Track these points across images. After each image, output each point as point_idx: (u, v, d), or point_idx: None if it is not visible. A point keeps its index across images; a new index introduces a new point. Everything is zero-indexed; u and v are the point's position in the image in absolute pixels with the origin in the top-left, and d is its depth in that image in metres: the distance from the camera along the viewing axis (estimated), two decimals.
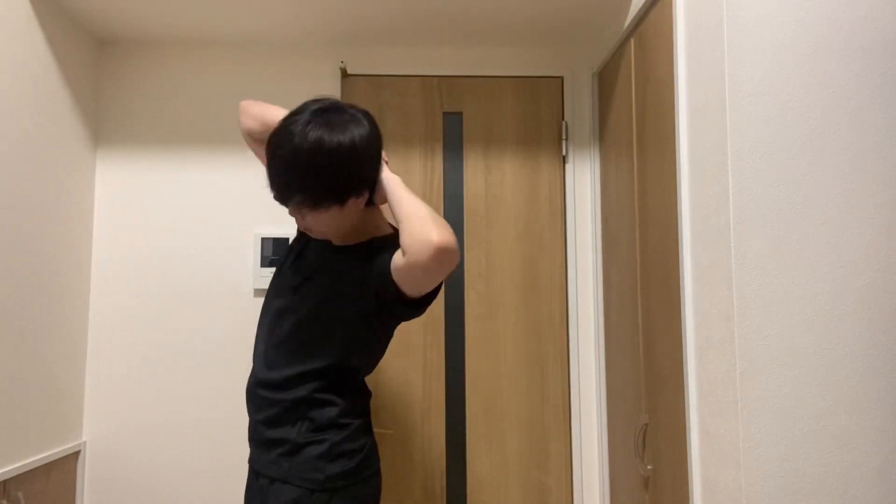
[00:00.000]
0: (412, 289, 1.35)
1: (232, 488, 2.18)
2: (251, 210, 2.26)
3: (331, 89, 2.31)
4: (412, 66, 2.35)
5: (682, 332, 1.53)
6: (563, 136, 2.33)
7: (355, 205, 1.37)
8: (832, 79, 1.34)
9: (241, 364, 2.22)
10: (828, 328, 1.30)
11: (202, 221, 2.26)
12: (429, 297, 1.40)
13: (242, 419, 2.18)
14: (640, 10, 1.80)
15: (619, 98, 2.06)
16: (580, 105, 2.35)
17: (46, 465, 1.95)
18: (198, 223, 2.26)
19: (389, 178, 1.40)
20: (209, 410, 2.20)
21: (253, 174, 2.28)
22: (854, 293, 1.31)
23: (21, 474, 1.82)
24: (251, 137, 1.56)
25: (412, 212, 1.32)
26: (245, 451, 2.18)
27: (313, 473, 1.42)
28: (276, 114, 1.49)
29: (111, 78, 2.29)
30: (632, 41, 1.92)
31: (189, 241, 2.25)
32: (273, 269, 2.21)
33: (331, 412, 1.46)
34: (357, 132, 1.31)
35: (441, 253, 1.26)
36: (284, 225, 2.26)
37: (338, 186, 1.32)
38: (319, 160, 1.28)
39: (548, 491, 2.24)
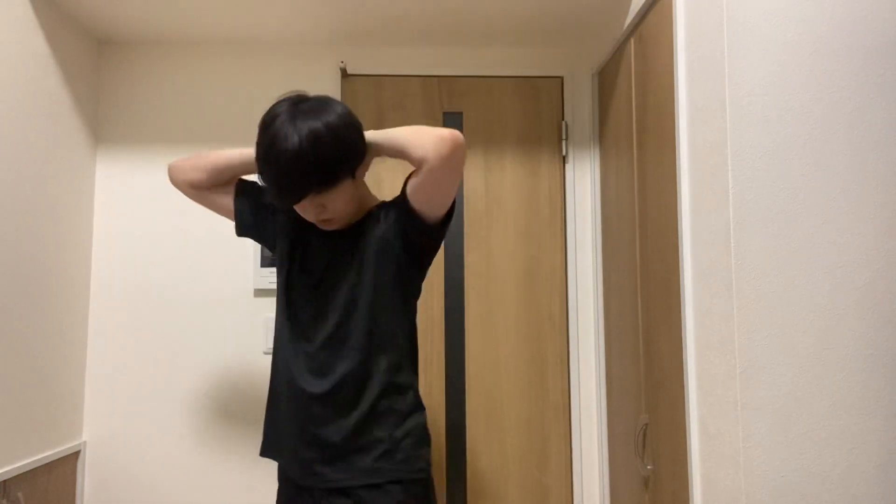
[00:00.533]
0: (434, 205, 1.43)
1: (232, 488, 2.18)
2: None
3: (331, 89, 2.31)
4: (412, 66, 2.34)
5: (682, 332, 1.53)
6: (563, 136, 2.33)
7: (360, 171, 1.43)
8: (832, 79, 1.33)
9: (240, 364, 2.22)
10: (828, 328, 1.30)
11: (202, 221, 2.26)
12: (449, 216, 1.47)
13: (242, 419, 2.19)
14: (640, 10, 1.80)
15: (619, 98, 2.06)
16: (580, 105, 2.35)
17: (46, 465, 1.95)
18: (198, 223, 2.26)
19: (369, 134, 1.45)
20: (209, 410, 2.20)
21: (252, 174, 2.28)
22: (854, 293, 1.31)
23: (21, 474, 1.82)
24: (199, 189, 1.57)
25: (406, 133, 1.40)
26: (245, 449, 2.19)
27: (419, 463, 1.43)
28: (218, 154, 1.54)
29: (111, 78, 2.29)
30: (632, 41, 1.92)
31: (189, 241, 2.25)
32: (272, 269, 2.22)
33: (410, 396, 1.47)
34: (336, 108, 1.36)
35: (455, 141, 1.36)
36: None
37: (344, 159, 1.36)
38: (322, 144, 1.30)
39: (548, 491, 2.24)
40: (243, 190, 1.57)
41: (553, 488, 2.23)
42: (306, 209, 1.40)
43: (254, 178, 1.50)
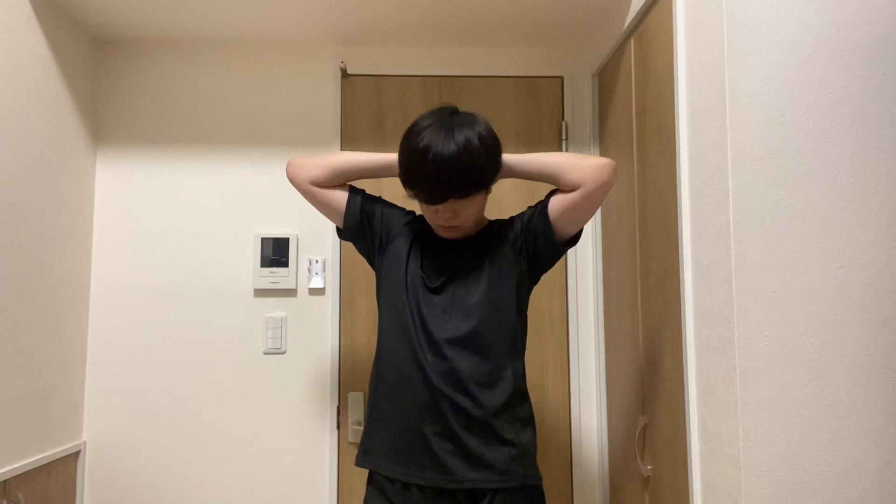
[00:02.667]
0: (574, 225, 1.52)
1: (231, 488, 2.18)
2: (251, 210, 2.26)
3: (331, 89, 2.31)
4: (412, 66, 2.35)
5: (682, 332, 1.53)
6: (563, 136, 2.33)
7: (491, 185, 1.51)
8: (832, 79, 1.33)
9: (240, 363, 2.22)
10: (828, 328, 1.30)
11: (202, 221, 2.26)
12: (577, 237, 1.56)
13: (242, 418, 2.19)
14: (640, 10, 1.80)
15: (619, 98, 2.06)
16: (580, 105, 2.35)
17: (46, 465, 1.95)
18: (198, 223, 2.26)
19: (505, 156, 1.53)
20: (209, 410, 2.20)
21: (253, 174, 2.28)
22: (854, 293, 1.31)
23: (21, 474, 1.82)
24: (317, 186, 1.61)
25: (558, 158, 1.53)
26: (244, 450, 2.19)
27: (537, 471, 1.49)
28: (343, 156, 1.63)
29: (111, 78, 2.29)
30: (632, 41, 1.92)
31: (189, 241, 2.25)
32: (272, 269, 2.22)
33: (528, 405, 1.54)
34: (483, 123, 1.46)
35: (614, 169, 1.48)
36: (284, 225, 2.26)
37: (487, 171, 1.45)
38: (475, 153, 1.40)
39: (548, 491, 2.22)
40: (354, 192, 1.63)
41: (553, 488, 2.23)
42: (438, 212, 1.47)
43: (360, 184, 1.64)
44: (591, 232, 2.30)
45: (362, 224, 1.61)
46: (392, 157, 1.55)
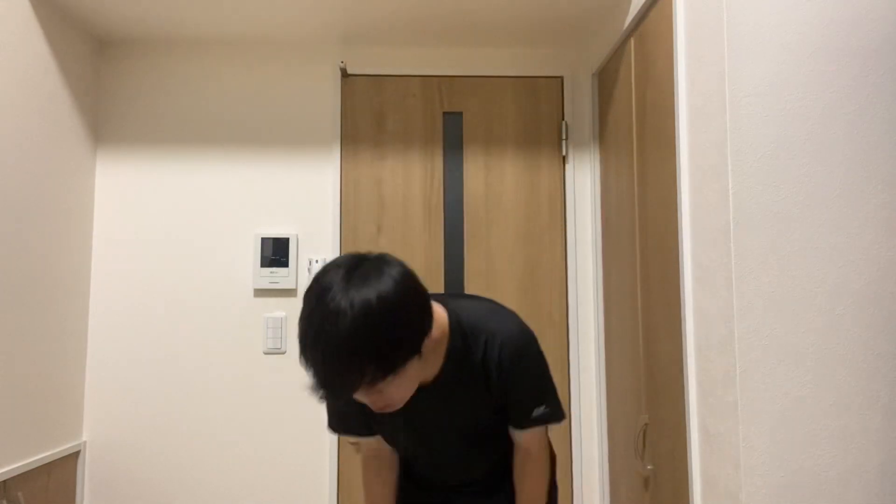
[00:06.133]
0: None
1: (231, 488, 2.18)
2: (251, 210, 2.26)
3: (331, 89, 2.31)
4: (412, 66, 2.35)
5: (682, 332, 1.53)
6: (563, 136, 2.33)
7: (430, 341, 1.09)
8: (832, 79, 1.33)
9: (240, 363, 2.22)
10: (828, 328, 1.30)
11: (202, 221, 2.26)
12: None
13: (241, 418, 2.19)
14: (639, 10, 1.80)
15: (619, 98, 2.06)
16: (580, 105, 2.35)
17: (46, 465, 1.95)
18: (198, 223, 2.26)
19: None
20: (209, 410, 2.20)
21: (253, 174, 2.28)
22: (854, 293, 1.31)
23: (21, 474, 1.82)
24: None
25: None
26: (244, 450, 2.19)
27: None
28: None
29: (111, 78, 2.29)
30: (632, 41, 1.92)
31: (189, 241, 2.25)
32: (272, 269, 2.23)
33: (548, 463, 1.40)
34: (396, 268, 1.04)
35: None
36: (284, 225, 2.26)
37: (409, 336, 1.04)
38: (379, 320, 0.98)
39: None
40: (359, 435, 1.38)
41: None
42: (359, 396, 1.07)
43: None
44: (591, 232, 2.30)
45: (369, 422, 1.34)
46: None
